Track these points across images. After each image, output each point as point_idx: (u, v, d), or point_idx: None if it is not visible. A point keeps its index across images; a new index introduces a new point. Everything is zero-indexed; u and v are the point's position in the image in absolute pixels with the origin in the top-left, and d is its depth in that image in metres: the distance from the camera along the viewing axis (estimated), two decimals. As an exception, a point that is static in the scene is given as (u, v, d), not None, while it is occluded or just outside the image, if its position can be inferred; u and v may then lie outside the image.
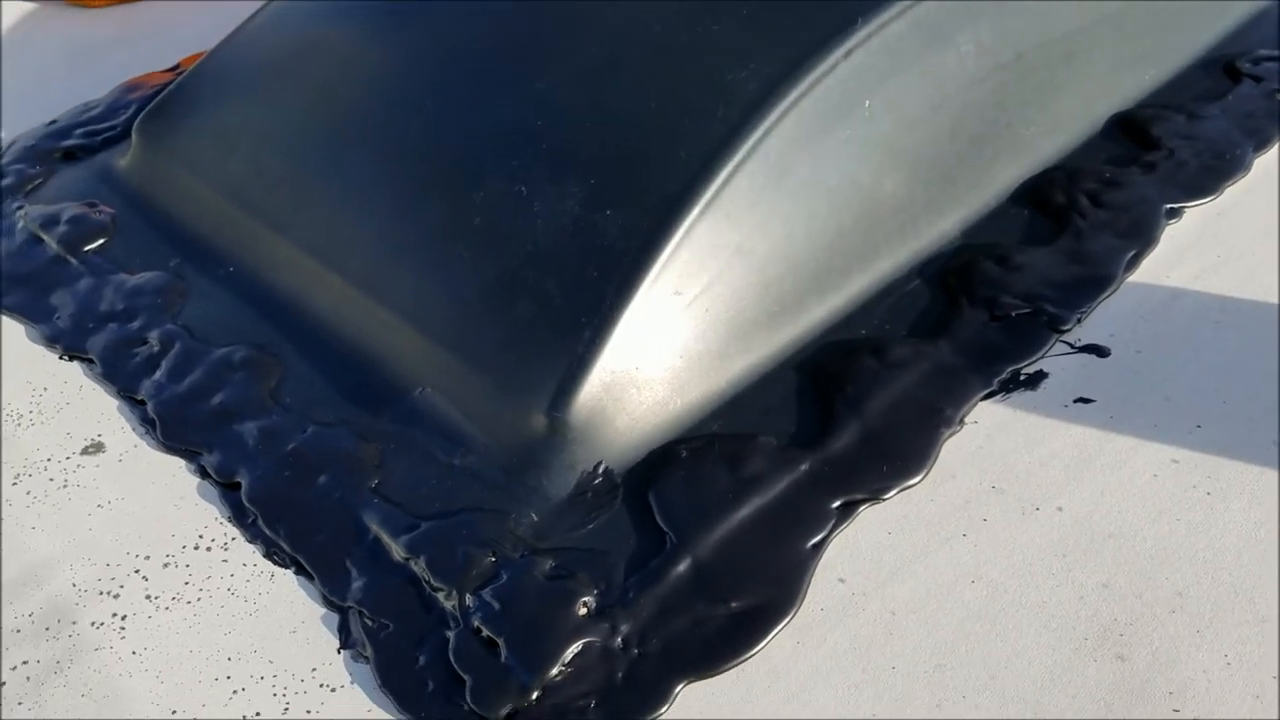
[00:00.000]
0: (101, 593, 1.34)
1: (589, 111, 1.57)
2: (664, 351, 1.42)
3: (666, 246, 1.42)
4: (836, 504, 1.33)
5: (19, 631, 1.30)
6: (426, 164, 1.64)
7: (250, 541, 1.37)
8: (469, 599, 1.24)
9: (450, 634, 1.23)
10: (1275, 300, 1.51)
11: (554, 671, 1.18)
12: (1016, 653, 1.15)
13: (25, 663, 1.27)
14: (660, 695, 1.16)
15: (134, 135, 2.02)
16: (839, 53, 1.56)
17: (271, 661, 1.24)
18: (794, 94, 1.52)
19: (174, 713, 1.20)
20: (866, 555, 1.27)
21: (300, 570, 1.33)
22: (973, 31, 1.70)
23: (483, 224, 1.53)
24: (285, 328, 1.65)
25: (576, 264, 1.44)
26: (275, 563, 1.35)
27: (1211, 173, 1.78)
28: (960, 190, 1.72)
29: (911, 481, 1.35)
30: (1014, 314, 1.54)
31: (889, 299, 1.60)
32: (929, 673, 1.14)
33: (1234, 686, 1.09)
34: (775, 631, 1.21)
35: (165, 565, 1.36)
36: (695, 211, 1.44)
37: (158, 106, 2.02)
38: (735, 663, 1.19)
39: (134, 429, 1.56)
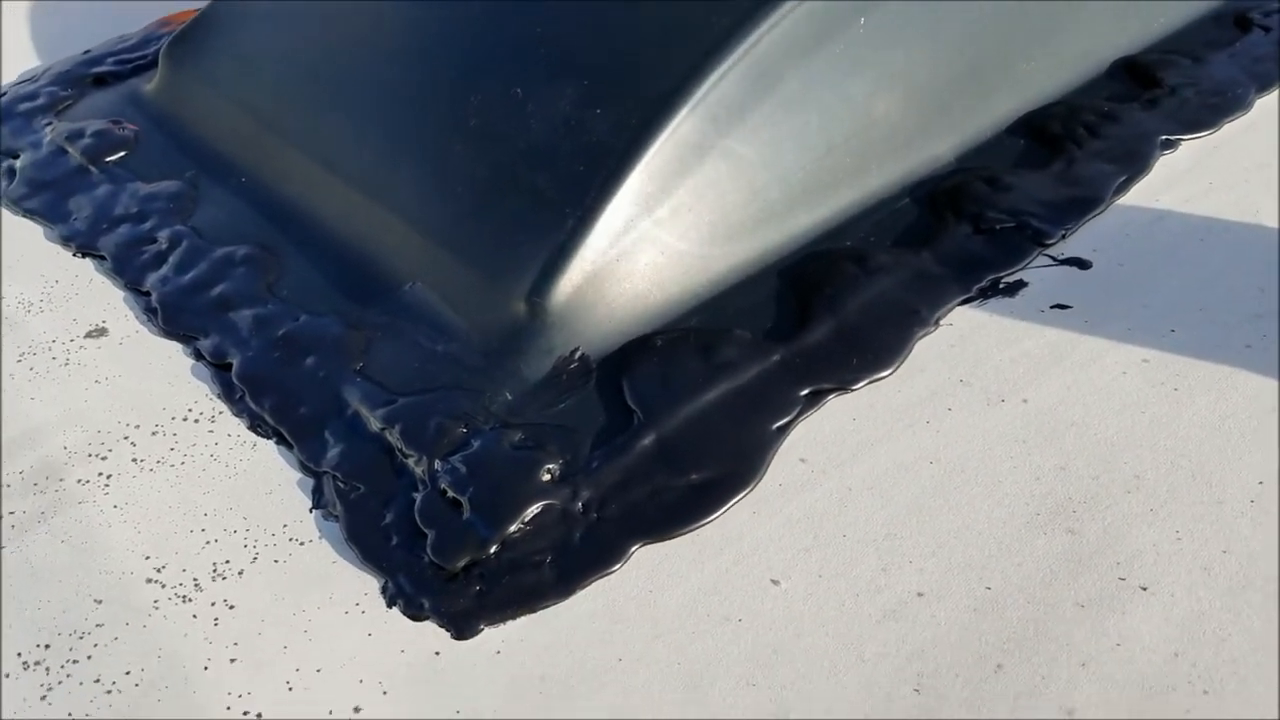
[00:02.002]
0: (90, 455, 1.38)
1: (586, 16, 1.60)
2: (646, 246, 1.45)
3: (653, 143, 1.45)
4: (805, 392, 1.35)
5: (9, 487, 1.35)
6: (429, 72, 1.68)
7: (237, 415, 1.42)
8: (438, 463, 1.27)
9: (418, 495, 1.26)
10: (1263, 221, 1.51)
11: (513, 529, 1.20)
12: (967, 525, 1.16)
13: (11, 513, 1.31)
14: (614, 554, 1.19)
15: (160, 59, 2.09)
16: (834, -32, 1.57)
17: (245, 518, 1.28)
18: (786, 5, 1.54)
19: (147, 558, 1.24)
20: (830, 438, 1.29)
21: (281, 440, 1.37)
22: (973, -40, 1.71)
23: (479, 124, 1.57)
24: (289, 230, 1.70)
25: (566, 160, 1.48)
26: (259, 434, 1.39)
27: (1212, 109, 1.78)
28: (957, 117, 1.73)
29: (881, 374, 1.36)
30: (998, 227, 1.55)
31: (877, 214, 1.61)
32: (878, 540, 1.16)
33: (1183, 559, 1.09)
34: (733, 502, 1.23)
35: (154, 434, 1.41)
36: (683, 111, 1.47)
37: (183, 32, 2.09)
38: (690, 528, 1.21)
39: (137, 317, 1.61)
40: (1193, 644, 1.01)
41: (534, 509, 1.22)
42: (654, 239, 1.46)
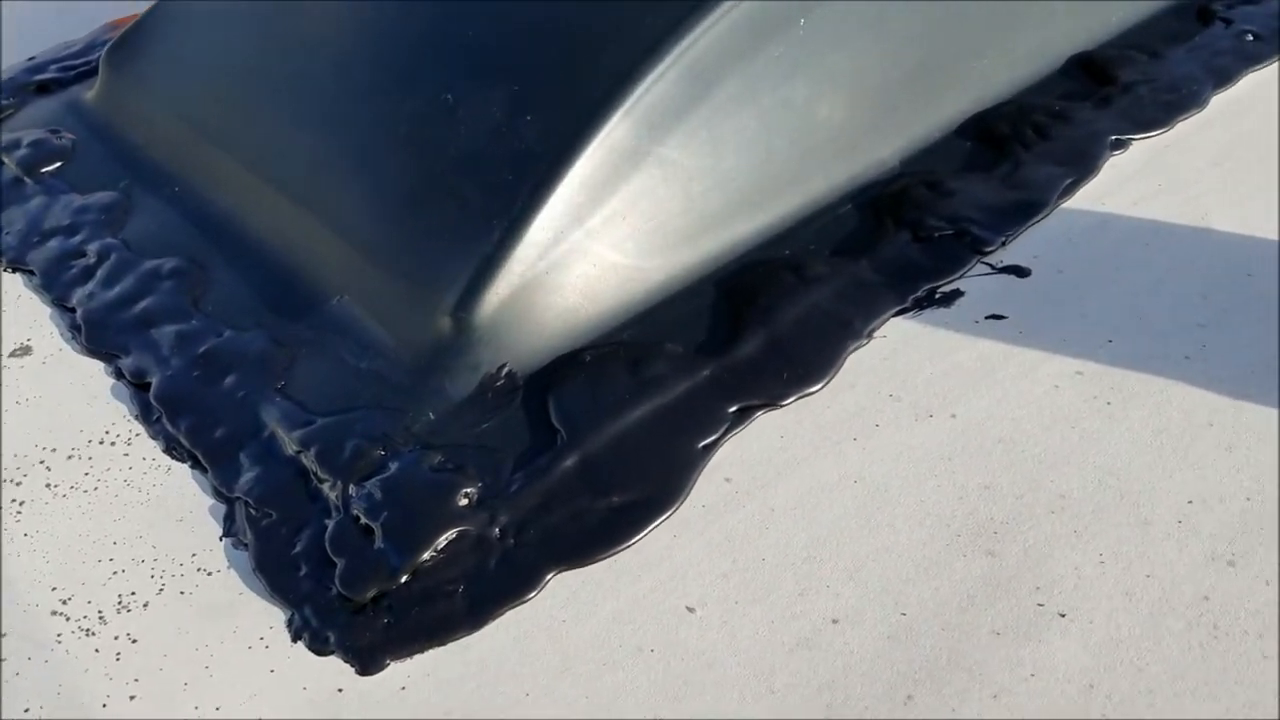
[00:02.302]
0: (6, 480, 1.35)
1: (519, 21, 1.56)
2: (577, 258, 1.41)
3: (583, 151, 1.41)
4: (733, 408, 1.32)
5: (-78, 513, 1.32)
6: (362, 80, 1.64)
7: (153, 438, 1.38)
8: (352, 488, 1.24)
9: (330, 522, 1.23)
10: (1212, 225, 1.47)
11: (425, 557, 1.17)
12: (886, 548, 1.12)
13: (-77, 541, 1.28)
14: (530, 582, 1.16)
15: (100, 65, 2.05)
16: (769, -31, 1.53)
17: (155, 547, 1.25)
18: (723, 5, 1.50)
19: (54, 590, 1.21)
20: (756, 457, 1.25)
21: (196, 464, 1.34)
22: (917, -42, 1.67)
23: (408, 132, 1.53)
24: (220, 241, 1.66)
25: (494, 168, 1.44)
26: (174, 457, 1.35)
27: (1165, 107, 1.74)
28: (902, 119, 1.69)
29: (811, 389, 1.33)
30: (937, 235, 1.51)
31: (819, 221, 1.58)
32: (796, 564, 1.12)
33: (1105, 584, 1.06)
34: (653, 526, 1.20)
35: (69, 457, 1.38)
36: (615, 117, 1.43)
37: (123, 38, 2.05)
38: (609, 554, 1.18)
39: (62, 335, 1.57)
40: (1109, 674, 0.98)
41: (448, 536, 1.18)
42: (586, 250, 1.42)
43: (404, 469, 1.25)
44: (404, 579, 1.16)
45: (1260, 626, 1.01)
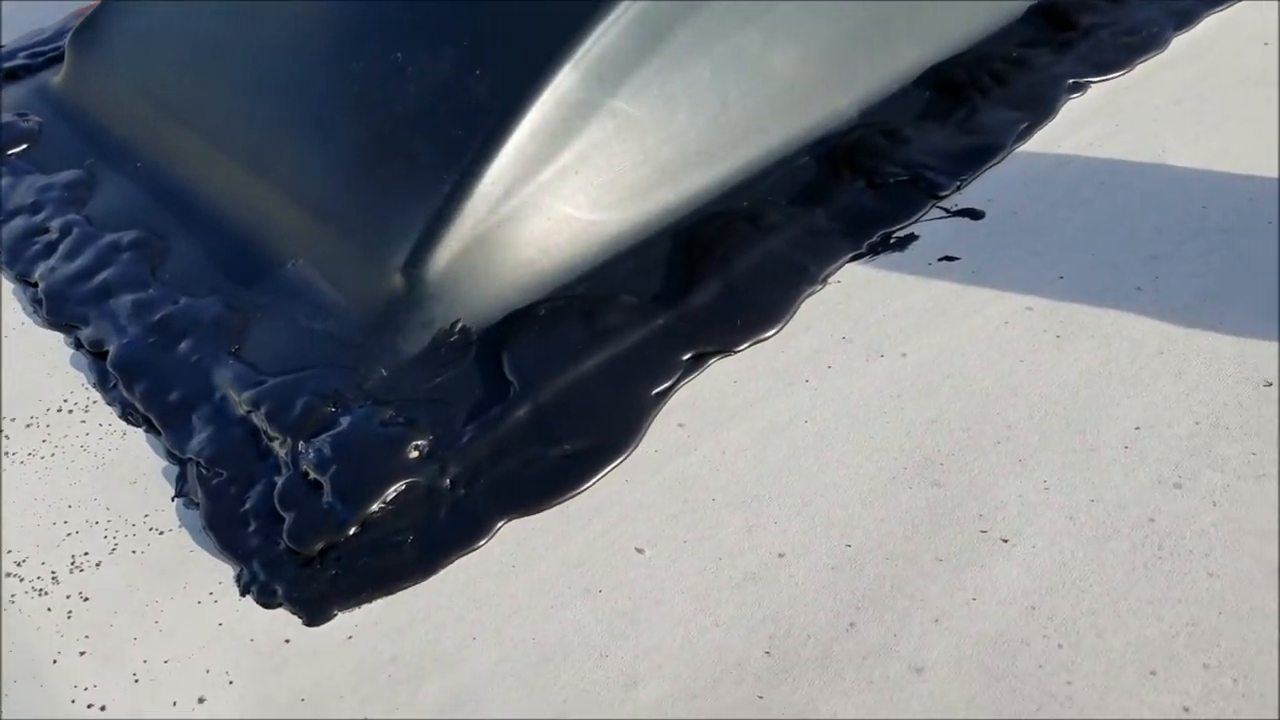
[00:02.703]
0: (-36, 451, 1.35)
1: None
2: (530, 212, 1.41)
3: (533, 103, 1.41)
4: (687, 356, 1.31)
5: (-119, 485, 1.32)
6: (312, 46, 1.64)
7: (109, 404, 1.38)
8: (302, 444, 1.24)
9: (280, 479, 1.23)
10: (1168, 160, 1.46)
11: (374, 509, 1.17)
12: (834, 483, 1.12)
13: (-119, 511, 1.29)
14: (480, 530, 1.15)
15: (66, 49, 2.06)
16: (717, -80, 1.53)
17: (108, 509, 1.25)
18: (669, -41, 1.49)
19: (9, 552, 1.21)
20: (710, 401, 1.25)
21: (150, 427, 1.34)
22: (869, -94, 1.66)
23: (359, 92, 1.53)
24: (181, 212, 1.67)
25: (443, 123, 1.44)
26: (129, 422, 1.36)
27: (1126, 50, 1.73)
28: (860, 70, 1.68)
29: (765, 335, 1.33)
30: (892, 181, 1.50)
31: (776, 173, 1.57)
32: (745, 502, 1.12)
33: (1048, 509, 1.05)
34: (605, 471, 1.19)
35: (28, 426, 1.38)
36: (564, 69, 1.42)
37: (87, 20, 2.05)
38: (560, 500, 1.17)
39: (24, 309, 1.58)
40: (1051, 596, 0.98)
41: (397, 488, 1.18)
42: (538, 204, 1.42)
43: (354, 424, 1.25)
44: (353, 531, 1.15)
45: (1206, 546, 1.00)
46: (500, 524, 1.16)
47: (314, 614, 1.10)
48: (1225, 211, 1.36)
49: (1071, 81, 1.65)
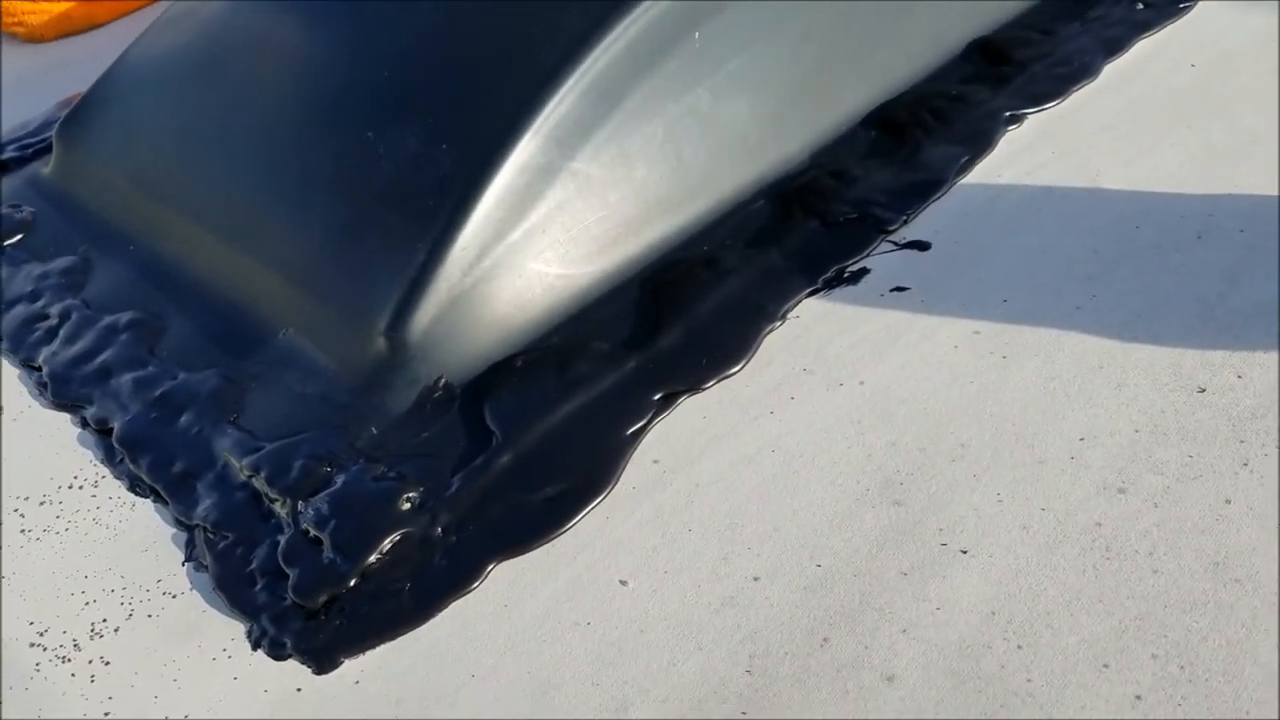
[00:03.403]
0: (-21, 531, 1.42)
1: (429, 57, 1.65)
2: (502, 271, 1.49)
3: (497, 172, 1.50)
4: (658, 396, 1.39)
5: (-99, 570, 1.39)
6: (289, 128, 1.73)
7: (117, 478, 1.45)
8: (301, 504, 1.31)
9: (282, 538, 1.30)
10: (1102, 184, 1.55)
11: (372, 560, 1.24)
12: (802, 507, 1.20)
13: (-97, 595, 1.35)
14: (472, 573, 1.22)
15: (54, 139, 2.14)
16: (663, -11, 1.63)
17: (123, 577, 1.31)
18: (619, 27, 1.59)
19: (31, 624, 1.28)
20: (682, 438, 1.33)
21: (157, 497, 1.41)
22: (808, -38, 1.76)
23: (335, 170, 1.62)
24: (173, 291, 1.75)
25: (415, 196, 1.52)
26: (137, 493, 1.42)
27: (1059, 80, 1.83)
28: (807, 116, 1.77)
29: (731, 371, 1.41)
30: (843, 219, 1.59)
31: (733, 218, 1.66)
32: (721, 530, 1.20)
33: (1003, 520, 1.13)
34: (586, 511, 1.27)
35: (41, 504, 1.45)
36: (524, 138, 1.51)
37: (73, 112, 2.14)
38: (546, 540, 1.24)
39: (30, 393, 1.65)
40: (1009, 601, 1.05)
41: (392, 539, 1.25)
42: (510, 263, 1.50)
43: (348, 482, 1.32)
44: (353, 582, 1.22)
45: (1150, 545, 1.08)
46: (491, 566, 1.23)
47: (322, 663, 1.17)
48: (1156, 229, 1.45)
49: (1009, 114, 1.75)
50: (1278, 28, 1.80)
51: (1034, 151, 1.66)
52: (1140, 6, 1.98)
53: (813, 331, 1.43)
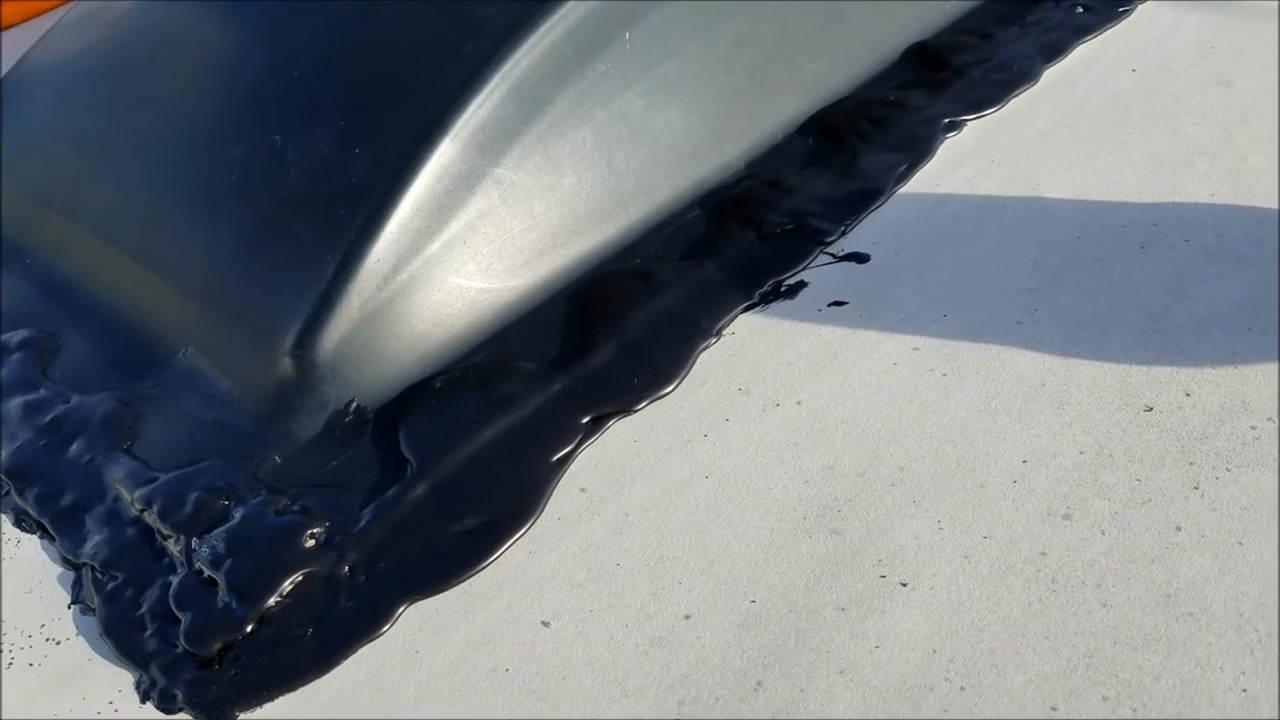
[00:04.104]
0: None
1: (342, 57, 1.56)
2: (421, 285, 1.40)
3: (414, 178, 1.41)
4: (586, 419, 1.31)
5: None
6: (192, 134, 1.62)
7: (2, 512, 1.34)
8: (194, 542, 1.21)
9: (175, 578, 1.20)
10: (1043, 193, 1.51)
11: (271, 603, 1.14)
12: (737, 538, 1.12)
13: None
14: (381, 616, 1.14)
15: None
16: (591, -14, 1.55)
17: (4, 621, 1.20)
18: (544, 26, 1.51)
19: (-106, 679, 1.16)
20: (611, 464, 1.25)
21: (44, 533, 1.30)
22: (741, -37, 1.69)
23: (239, 178, 1.52)
24: (70, 308, 1.63)
25: (326, 204, 1.43)
26: (23, 529, 1.31)
27: (998, 86, 1.78)
28: (743, 123, 1.71)
29: (663, 391, 1.33)
30: (780, 230, 1.53)
31: (668, 228, 1.59)
32: (650, 564, 1.12)
33: (944, 550, 1.06)
34: (508, 545, 1.18)
35: (-87, 543, 1.33)
36: (444, 142, 1.42)
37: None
38: (463, 578, 1.16)
39: (-92, 422, 1.52)
40: (951, 638, 0.99)
41: (294, 579, 1.16)
42: (428, 277, 1.41)
43: (247, 517, 1.22)
44: (250, 628, 1.13)
45: (1097, 576, 1.02)
46: (402, 608, 1.14)
47: (215, 717, 1.07)
48: (1098, 240, 1.40)
49: (947, 121, 1.70)
50: (1218, 30, 1.77)
51: (974, 159, 1.61)
52: (1080, 10, 1.95)
53: (749, 348, 1.36)
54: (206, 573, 1.18)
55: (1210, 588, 0.98)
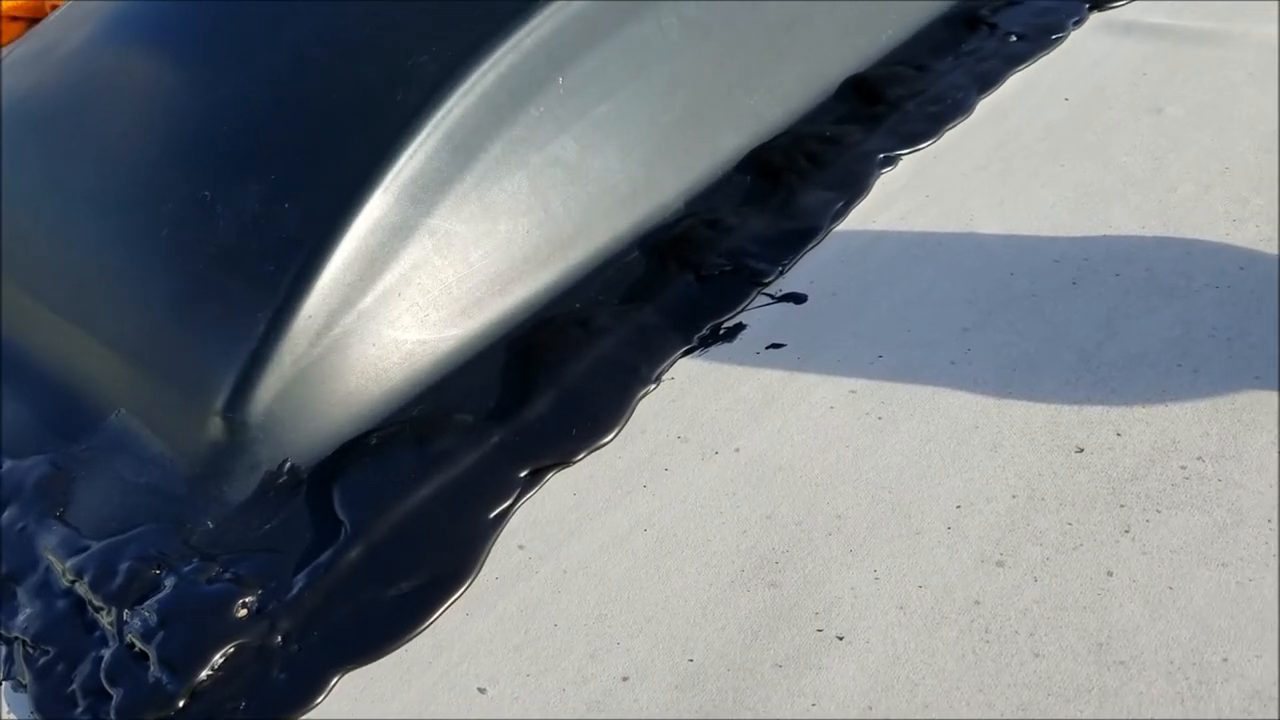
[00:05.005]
0: None
1: (273, 108, 1.54)
2: (354, 340, 1.39)
3: (345, 232, 1.39)
4: (524, 472, 1.30)
5: None
6: (121, 192, 1.60)
7: (-73, 586, 1.30)
8: (126, 613, 1.18)
9: (106, 652, 1.17)
10: (976, 229, 1.51)
11: (203, 677, 1.12)
12: (675, 593, 1.12)
13: None
14: (314, 687, 1.12)
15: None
16: (521, 32, 1.55)
17: (-75, 703, 1.17)
18: (475, 74, 1.50)
19: None
20: (549, 518, 1.24)
21: (-29, 608, 1.27)
22: (673, 4, 1.70)
23: (170, 234, 1.49)
24: (2, 368, 1.59)
25: (256, 260, 1.41)
26: (-52, 604, 1.28)
27: (932, 119, 1.79)
28: (681, 162, 1.71)
29: (602, 441, 1.32)
30: (718, 272, 1.52)
31: (607, 271, 1.58)
32: (588, 625, 1.11)
33: (880, 601, 1.06)
34: (444, 608, 1.17)
35: None
36: (375, 195, 1.41)
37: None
38: (397, 645, 1.14)
39: None
40: (886, 694, 0.98)
41: (225, 651, 1.14)
42: (362, 331, 1.40)
43: (178, 586, 1.20)
44: (182, 703, 1.10)
45: (1030, 624, 1.02)
46: (335, 679, 1.12)
47: (145, 799, 1.04)
48: (1031, 276, 1.41)
49: (882, 156, 1.71)
50: (1150, 57, 1.80)
51: (909, 194, 1.62)
52: (1013, 38, 1.97)
53: (688, 394, 1.35)
54: (138, 646, 1.15)
55: (1141, 635, 0.98)
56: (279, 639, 1.15)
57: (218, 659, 1.13)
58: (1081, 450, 1.16)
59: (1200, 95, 1.70)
